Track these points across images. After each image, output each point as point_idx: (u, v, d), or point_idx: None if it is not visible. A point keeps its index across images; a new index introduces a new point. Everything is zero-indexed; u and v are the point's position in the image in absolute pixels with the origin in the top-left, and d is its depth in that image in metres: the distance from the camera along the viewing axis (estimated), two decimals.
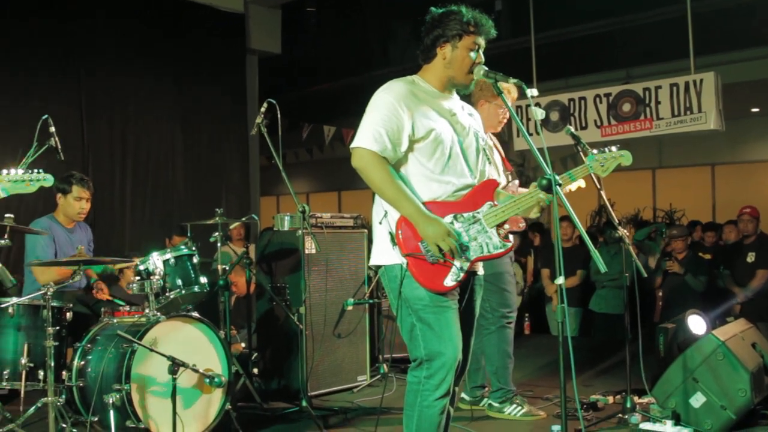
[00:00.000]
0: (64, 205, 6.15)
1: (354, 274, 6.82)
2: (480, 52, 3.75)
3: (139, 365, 4.91)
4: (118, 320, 5.31)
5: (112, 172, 9.22)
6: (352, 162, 3.68)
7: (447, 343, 3.58)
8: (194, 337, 5.25)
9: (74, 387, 5.07)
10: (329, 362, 6.59)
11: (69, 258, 5.71)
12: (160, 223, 9.44)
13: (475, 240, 3.63)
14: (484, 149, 3.92)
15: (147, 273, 5.44)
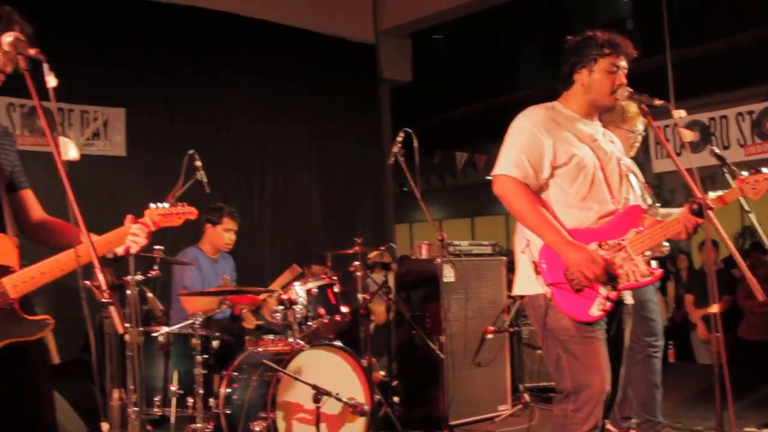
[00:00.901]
0: (212, 236, 6.32)
1: (493, 301, 6.76)
2: (621, 74, 3.68)
3: (284, 393, 5.00)
4: (262, 349, 5.42)
5: (250, 201, 9.44)
6: (493, 189, 3.66)
7: (595, 374, 3.49)
8: (337, 366, 5.31)
9: (221, 414, 5.19)
10: (469, 391, 6.53)
11: (215, 288, 5.87)
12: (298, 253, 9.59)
13: (621, 268, 3.54)
14: (627, 175, 3.83)
15: (290, 302, 5.54)
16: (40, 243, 3.25)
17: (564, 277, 3.47)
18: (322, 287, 5.68)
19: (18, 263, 2.96)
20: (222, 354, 5.44)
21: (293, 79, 9.94)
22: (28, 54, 2.74)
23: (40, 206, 3.31)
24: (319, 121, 10.20)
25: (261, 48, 9.71)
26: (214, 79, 9.25)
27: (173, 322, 5.77)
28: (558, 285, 3.48)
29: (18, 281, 2.89)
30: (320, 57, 10.22)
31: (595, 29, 3.71)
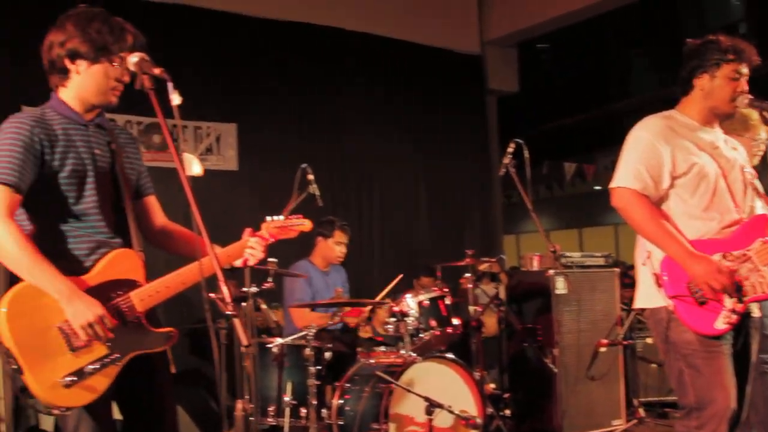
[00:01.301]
0: (323, 249, 6.39)
1: (606, 314, 6.62)
2: (743, 81, 3.56)
3: (397, 405, 5.00)
4: (375, 360, 5.44)
5: (359, 213, 9.50)
6: (612, 202, 3.58)
7: (719, 390, 3.38)
8: (449, 378, 5.28)
9: (334, 425, 5.22)
10: (583, 405, 6.41)
11: (328, 300, 5.93)
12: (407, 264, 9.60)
13: (747, 279, 3.41)
14: (752, 183, 3.70)
15: (401, 314, 5.55)
16: (160, 248, 3.33)
17: (687, 290, 3.37)
18: (433, 299, 5.66)
19: (144, 277, 3.04)
20: (334, 365, 5.48)
21: (400, 93, 9.97)
22: (152, 73, 2.78)
23: (162, 212, 3.38)
24: (425, 132, 10.20)
25: (368, 62, 9.78)
26: (323, 94, 9.35)
27: (286, 334, 5.85)
28: (681, 297, 3.38)
29: (144, 295, 2.97)
30: (427, 69, 10.23)
31: (717, 33, 3.60)
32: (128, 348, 2.90)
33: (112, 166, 3.07)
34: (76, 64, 2.96)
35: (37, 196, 2.89)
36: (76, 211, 2.95)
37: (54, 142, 2.90)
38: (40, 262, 2.76)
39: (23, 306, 2.75)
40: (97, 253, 2.97)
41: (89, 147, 3.01)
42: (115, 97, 3.04)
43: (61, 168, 2.91)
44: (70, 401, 2.77)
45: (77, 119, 3.01)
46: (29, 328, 2.73)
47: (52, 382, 2.72)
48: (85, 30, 2.92)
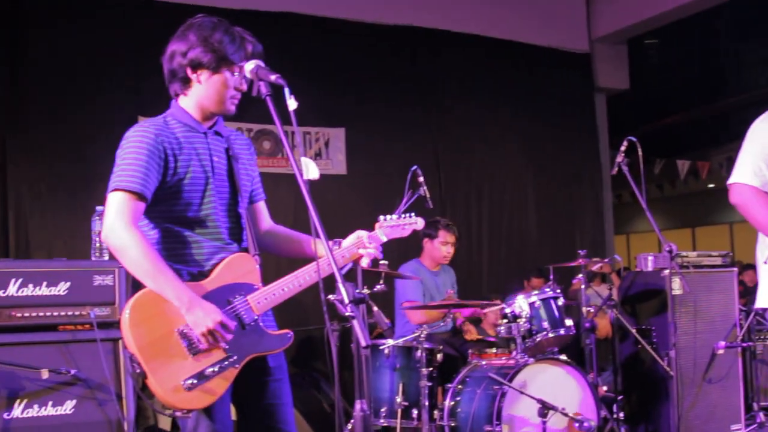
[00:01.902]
0: (430, 249, 6.42)
1: (724, 315, 6.42)
2: None
3: (510, 407, 4.98)
4: (486, 362, 5.43)
5: (467, 215, 9.48)
6: (730, 198, 3.49)
7: None
8: (562, 380, 5.24)
9: (446, 426, 5.23)
10: (700, 409, 6.23)
11: (439, 302, 5.95)
12: (516, 266, 9.56)
13: None
14: None
15: (513, 316, 5.52)
16: (266, 250, 3.35)
17: None
18: (545, 300, 5.61)
19: (260, 281, 3.11)
20: (445, 367, 5.50)
21: (508, 93, 9.94)
22: (269, 80, 2.82)
23: (269, 216, 3.45)
24: (534, 132, 10.12)
25: (475, 63, 9.76)
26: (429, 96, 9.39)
27: (397, 336, 5.88)
28: None
29: (261, 298, 3.04)
30: (535, 69, 10.16)
31: None
32: (246, 351, 2.97)
33: (229, 172, 3.15)
34: (198, 73, 3.03)
35: (160, 203, 2.99)
36: (196, 217, 3.04)
37: (177, 150, 2.99)
38: (162, 269, 2.85)
39: (145, 312, 2.85)
40: (216, 258, 3.05)
41: (209, 154, 3.09)
42: (234, 105, 3.11)
43: (184, 175, 3.00)
44: (191, 404, 2.85)
45: (197, 127, 3.09)
46: (151, 333, 2.83)
47: (175, 385, 2.80)
48: (207, 40, 2.99)
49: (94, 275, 4.32)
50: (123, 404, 4.24)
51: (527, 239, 9.95)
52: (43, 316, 4.22)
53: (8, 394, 4.06)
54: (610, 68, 11.25)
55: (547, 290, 5.70)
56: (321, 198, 7.93)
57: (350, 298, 2.46)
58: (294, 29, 8.39)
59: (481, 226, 9.58)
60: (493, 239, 9.65)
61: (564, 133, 10.37)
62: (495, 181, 9.78)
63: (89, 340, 4.22)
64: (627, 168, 5.88)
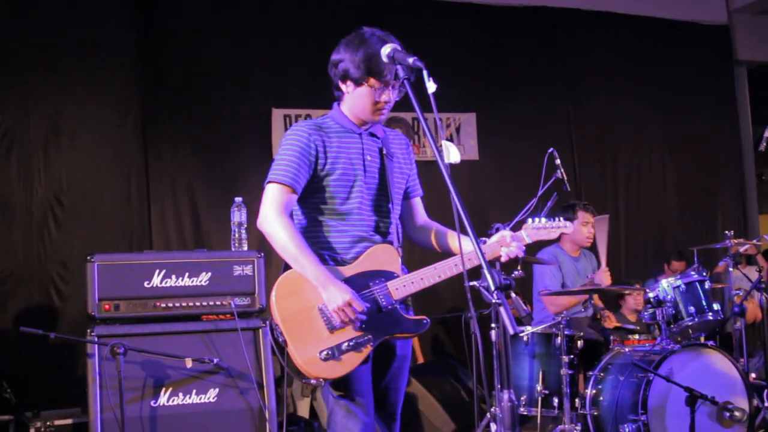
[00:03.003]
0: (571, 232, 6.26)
1: None
2: None
3: (655, 396, 4.81)
4: (629, 349, 5.27)
5: (603, 198, 9.23)
6: None
7: None
8: (711, 368, 5.03)
9: (588, 415, 5.12)
10: None
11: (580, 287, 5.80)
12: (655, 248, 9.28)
13: None
14: None
15: (657, 300, 5.34)
16: (419, 244, 3.64)
17: None
18: (690, 284, 5.40)
19: (400, 270, 3.32)
20: (586, 353, 5.37)
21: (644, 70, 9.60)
22: (407, 63, 2.97)
23: (424, 212, 3.68)
24: (672, 110, 9.77)
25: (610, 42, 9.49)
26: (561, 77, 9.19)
27: (536, 322, 5.79)
28: None
29: (400, 285, 3.26)
30: (671, 44, 9.78)
31: None
32: (381, 331, 3.19)
33: (381, 170, 3.39)
34: (346, 84, 3.29)
35: (311, 195, 3.31)
36: (341, 210, 3.31)
37: (327, 149, 3.28)
38: (305, 252, 3.15)
39: (290, 288, 3.16)
40: (359, 247, 3.31)
41: (361, 153, 3.35)
42: (381, 115, 3.33)
43: (332, 171, 3.28)
44: (325, 373, 3.09)
45: (352, 128, 3.36)
46: (295, 307, 3.14)
47: (312, 355, 3.07)
48: (354, 54, 3.21)
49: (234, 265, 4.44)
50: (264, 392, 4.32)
51: (666, 221, 9.64)
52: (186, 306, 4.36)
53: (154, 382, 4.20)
54: (751, 40, 10.71)
55: (692, 273, 5.51)
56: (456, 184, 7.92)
57: (496, 284, 2.43)
58: (424, 15, 8.35)
59: (618, 208, 9.31)
60: (631, 222, 9.38)
61: (702, 110, 9.98)
62: (631, 161, 9.50)
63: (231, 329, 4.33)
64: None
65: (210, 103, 7.54)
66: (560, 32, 9.19)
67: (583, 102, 9.26)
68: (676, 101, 9.83)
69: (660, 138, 9.71)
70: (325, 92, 3.51)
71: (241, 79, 7.68)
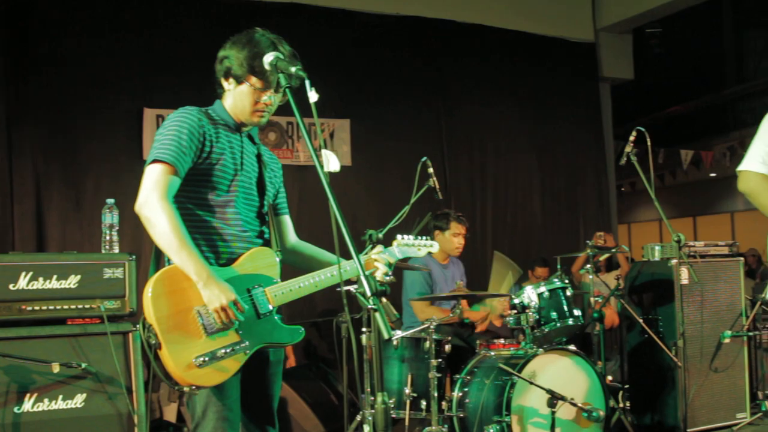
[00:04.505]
0: (441, 242, 6.41)
1: (730, 305, 6.44)
2: None
3: (519, 397, 4.99)
4: (495, 353, 5.44)
5: (473, 206, 9.48)
6: (738, 186, 3.52)
7: None
8: (571, 370, 5.25)
9: (455, 417, 5.25)
10: (706, 398, 6.26)
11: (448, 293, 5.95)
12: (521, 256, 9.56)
13: None
14: None
15: (521, 306, 5.53)
16: (291, 265, 3.52)
17: None
18: (553, 290, 5.62)
19: (279, 275, 3.25)
20: (454, 358, 5.51)
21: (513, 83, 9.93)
22: (289, 72, 2.92)
23: (293, 232, 3.60)
24: (539, 122, 10.13)
25: (481, 54, 9.75)
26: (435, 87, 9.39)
27: (405, 327, 5.89)
28: None
29: (278, 291, 3.17)
30: (540, 59, 10.14)
31: None
32: (259, 339, 3.09)
33: (258, 176, 3.31)
34: (228, 81, 3.22)
35: (189, 183, 3.12)
36: (220, 204, 3.17)
37: (214, 138, 3.16)
38: (187, 245, 2.96)
39: (168, 286, 2.98)
40: (236, 247, 3.18)
41: (241, 152, 3.26)
42: (262, 118, 3.26)
43: (216, 162, 3.15)
44: (200, 380, 2.95)
45: (233, 127, 3.27)
46: (171, 307, 2.96)
47: (187, 361, 2.92)
48: (239, 52, 3.14)
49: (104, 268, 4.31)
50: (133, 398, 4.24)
51: (532, 229, 9.97)
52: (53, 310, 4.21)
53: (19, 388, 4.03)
54: (615, 58, 11.23)
55: (555, 280, 5.72)
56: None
57: (372, 290, 2.48)
58: (299, 19, 8.37)
59: (485, 216, 9.58)
60: (498, 230, 9.66)
61: (568, 122, 10.38)
62: (500, 171, 9.78)
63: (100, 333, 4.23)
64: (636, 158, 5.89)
65: (78, 102, 7.37)
66: (435, 42, 9.38)
67: (454, 111, 9.48)
68: (545, 114, 10.18)
69: (528, 149, 10.03)
70: (201, 92, 3.46)
71: (111, 78, 7.53)
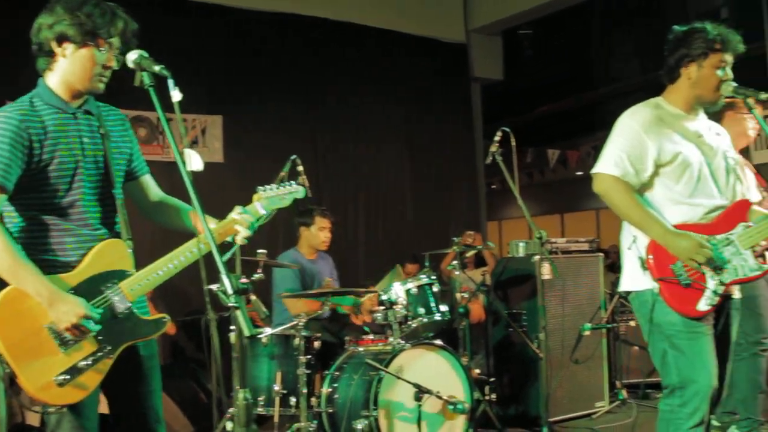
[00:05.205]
0: (307, 237, 6.45)
1: (590, 298, 6.71)
2: (727, 69, 3.64)
3: (386, 392, 5.05)
4: (363, 348, 5.50)
5: (345, 203, 9.54)
6: (593, 187, 3.67)
7: (701, 370, 3.47)
8: (437, 365, 5.35)
9: (323, 413, 5.28)
10: (567, 388, 6.50)
11: (317, 290, 5.98)
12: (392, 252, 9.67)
13: (730, 262, 3.51)
14: (734, 169, 3.78)
15: (390, 302, 5.60)
16: (157, 222, 3.32)
17: (671, 272, 3.46)
18: (421, 286, 5.72)
19: (133, 266, 3.04)
20: (323, 354, 5.53)
21: (385, 82, 10.02)
22: (152, 70, 2.77)
23: (157, 187, 3.35)
24: (411, 121, 10.27)
25: (353, 52, 9.81)
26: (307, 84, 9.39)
27: (275, 324, 5.89)
28: (666, 280, 3.47)
29: (134, 284, 2.97)
30: (412, 58, 10.28)
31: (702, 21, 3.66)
32: (120, 339, 2.93)
33: (102, 154, 3.05)
34: (63, 47, 2.91)
35: (25, 191, 2.88)
36: (63, 204, 2.93)
37: (43, 136, 2.88)
38: (22, 263, 2.77)
39: (11, 310, 2.77)
40: (84, 247, 2.96)
41: (78, 136, 2.99)
42: (102, 83, 3.00)
43: (51, 161, 2.89)
44: (64, 399, 2.80)
45: (64, 107, 2.97)
46: (20, 332, 2.75)
47: (46, 381, 2.75)
48: (75, 13, 2.88)
49: None
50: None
51: (404, 226, 10.09)
52: None
53: None
54: (486, 59, 11.49)
55: (422, 277, 5.81)
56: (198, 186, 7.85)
57: (233, 288, 2.46)
58: (173, 14, 8.25)
59: (358, 214, 9.66)
60: (370, 227, 9.76)
61: (441, 122, 10.55)
62: (372, 169, 9.87)
63: None
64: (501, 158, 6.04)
65: None
66: (309, 40, 9.38)
67: (328, 109, 9.51)
68: (417, 113, 10.32)
69: (400, 147, 10.16)
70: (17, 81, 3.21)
71: None
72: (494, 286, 6.78)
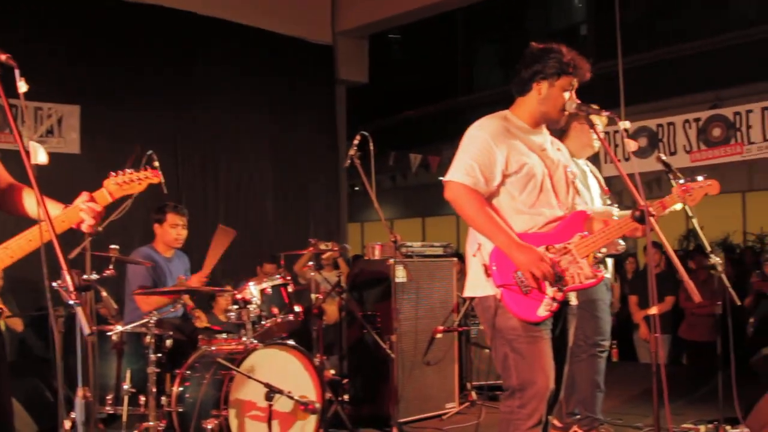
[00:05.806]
0: (161, 234, 6.36)
1: (443, 302, 6.87)
2: (572, 92, 3.82)
3: (237, 392, 5.06)
4: (216, 348, 5.48)
5: (205, 201, 9.46)
6: (444, 194, 3.78)
7: (539, 372, 3.63)
8: (289, 364, 5.39)
9: (173, 412, 5.23)
10: (418, 389, 6.63)
11: (170, 288, 5.91)
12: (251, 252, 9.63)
13: (567, 270, 3.68)
14: (573, 182, 3.97)
15: (244, 302, 5.59)
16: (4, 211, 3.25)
17: (513, 280, 3.60)
18: (275, 287, 5.74)
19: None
20: (175, 353, 5.47)
21: (250, 79, 9.99)
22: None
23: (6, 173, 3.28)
24: (275, 119, 10.26)
25: (219, 47, 9.75)
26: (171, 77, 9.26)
27: (126, 321, 5.79)
28: (507, 287, 3.61)
29: None
30: (278, 57, 10.28)
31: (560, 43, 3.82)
32: None
33: None
34: None
35: None
36: None
37: None
38: None
39: None
40: None
41: None
42: None
43: None
44: None
45: None
46: None
47: None
48: None
49: None
50: None
51: (264, 226, 10.08)
52: None
53: None
54: (351, 61, 11.60)
55: (277, 277, 5.83)
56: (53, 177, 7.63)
57: (75, 285, 2.43)
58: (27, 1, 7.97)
59: (217, 212, 9.59)
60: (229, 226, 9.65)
61: (304, 122, 10.59)
62: (233, 167, 9.82)
63: None
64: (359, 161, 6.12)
65: None
66: (174, 33, 9.27)
67: (189, 105, 9.40)
68: (281, 112, 10.33)
69: (263, 147, 10.15)
70: None
71: None
72: (350, 287, 6.85)
